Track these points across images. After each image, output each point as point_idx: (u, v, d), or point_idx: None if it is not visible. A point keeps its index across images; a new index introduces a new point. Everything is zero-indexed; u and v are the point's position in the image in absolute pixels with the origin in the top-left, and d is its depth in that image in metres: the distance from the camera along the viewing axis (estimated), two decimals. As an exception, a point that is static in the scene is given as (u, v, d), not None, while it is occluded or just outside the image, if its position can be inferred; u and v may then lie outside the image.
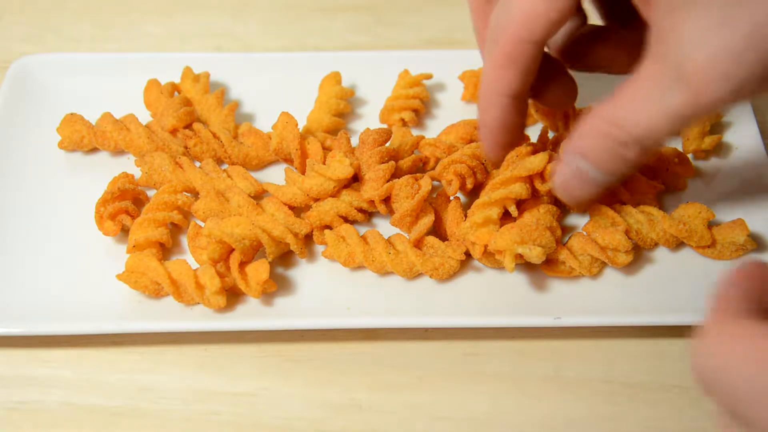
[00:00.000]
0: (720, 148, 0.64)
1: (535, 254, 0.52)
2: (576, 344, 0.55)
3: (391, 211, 0.59)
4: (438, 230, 0.59)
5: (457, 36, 0.77)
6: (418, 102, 0.66)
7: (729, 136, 0.65)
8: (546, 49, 0.54)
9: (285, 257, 0.59)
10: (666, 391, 0.53)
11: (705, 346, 0.30)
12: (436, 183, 0.62)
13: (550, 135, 0.63)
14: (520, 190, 0.55)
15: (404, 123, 0.66)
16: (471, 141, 0.63)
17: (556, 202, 0.58)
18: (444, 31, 0.78)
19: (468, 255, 0.57)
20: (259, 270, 0.54)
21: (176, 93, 0.67)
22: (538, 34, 0.48)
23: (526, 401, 0.53)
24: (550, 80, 0.56)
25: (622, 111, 0.45)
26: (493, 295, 0.56)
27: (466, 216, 0.58)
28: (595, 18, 0.57)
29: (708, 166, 0.63)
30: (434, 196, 0.60)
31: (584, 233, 0.57)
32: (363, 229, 0.59)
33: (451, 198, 0.59)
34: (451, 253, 0.56)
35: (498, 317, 0.54)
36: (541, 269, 0.57)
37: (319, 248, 0.59)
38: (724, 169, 0.63)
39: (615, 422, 0.52)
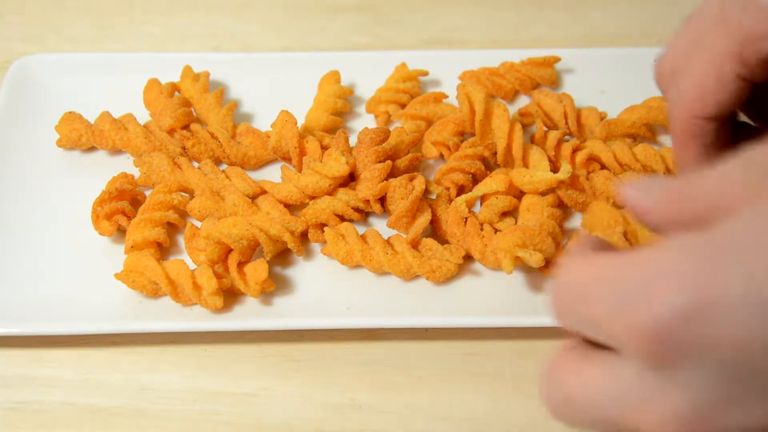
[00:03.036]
0: None
1: (534, 259, 0.53)
2: (576, 344, 0.55)
3: (388, 212, 0.59)
4: (437, 231, 0.59)
5: (457, 36, 0.77)
6: (406, 97, 0.67)
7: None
8: None
9: (283, 257, 0.59)
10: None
11: (568, 272, 0.32)
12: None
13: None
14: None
15: (389, 115, 0.66)
16: (463, 133, 0.63)
17: (560, 204, 0.59)
18: (444, 31, 0.78)
19: (467, 257, 0.57)
20: (257, 270, 0.54)
21: (176, 93, 0.67)
22: (710, 111, 0.46)
23: (526, 401, 0.53)
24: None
25: None
26: (492, 296, 0.56)
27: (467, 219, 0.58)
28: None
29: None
30: (433, 197, 0.60)
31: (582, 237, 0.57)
32: (363, 229, 0.59)
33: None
34: (449, 257, 0.56)
35: (498, 317, 0.54)
36: (540, 271, 0.57)
37: (317, 247, 0.59)
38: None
39: (615, 422, 0.52)
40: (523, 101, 0.69)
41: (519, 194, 0.60)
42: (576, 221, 0.60)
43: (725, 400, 0.28)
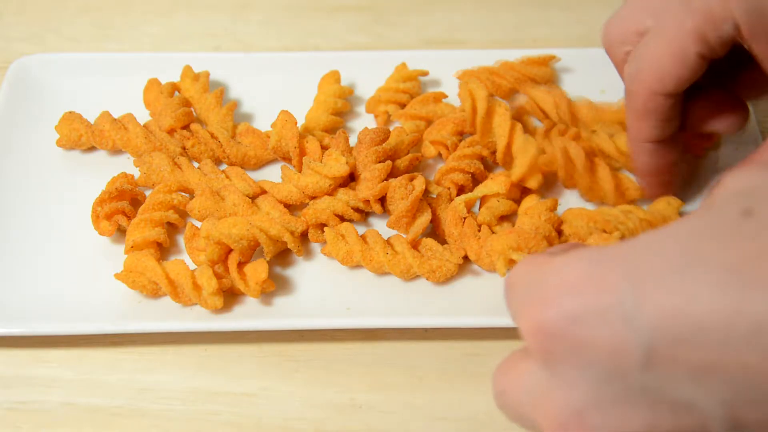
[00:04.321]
0: (718, 147, 0.64)
1: None
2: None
3: (388, 212, 0.59)
4: (437, 231, 0.59)
5: (457, 36, 0.77)
6: (406, 97, 0.67)
7: (728, 136, 0.65)
8: None
9: (283, 257, 0.59)
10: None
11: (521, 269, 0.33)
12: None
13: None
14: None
15: (388, 115, 0.66)
16: (462, 133, 0.63)
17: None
18: (444, 31, 0.78)
19: (467, 258, 0.57)
20: (257, 270, 0.54)
21: (176, 93, 0.67)
22: (670, 88, 0.48)
23: (526, 401, 0.53)
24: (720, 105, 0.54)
25: None
26: (492, 296, 0.56)
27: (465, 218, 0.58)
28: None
29: (707, 165, 0.63)
30: (434, 196, 0.60)
31: (577, 241, 0.57)
32: (362, 229, 0.59)
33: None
34: (449, 257, 0.56)
35: (498, 317, 0.54)
36: None
37: (317, 247, 0.59)
38: (722, 168, 0.63)
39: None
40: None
41: (519, 197, 0.60)
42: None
43: (599, 402, 0.29)
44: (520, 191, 0.60)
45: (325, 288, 0.57)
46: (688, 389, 0.27)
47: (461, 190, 0.60)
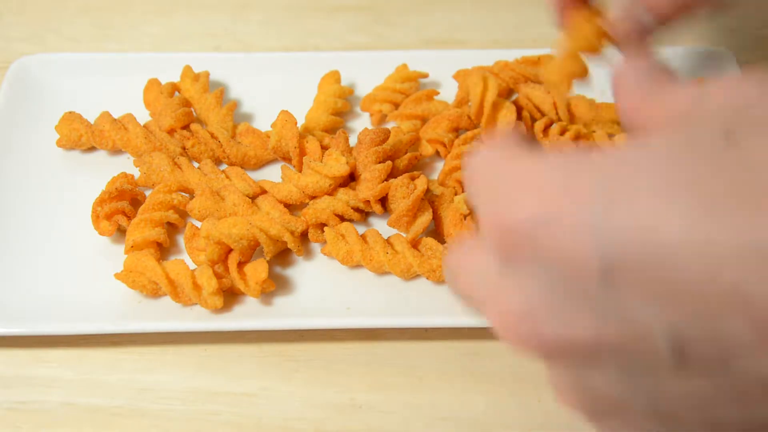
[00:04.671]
0: None
1: None
2: (576, 344, 0.55)
3: (389, 211, 0.59)
4: (438, 230, 0.59)
5: (457, 36, 0.77)
6: (401, 96, 0.67)
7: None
8: None
9: (283, 256, 0.59)
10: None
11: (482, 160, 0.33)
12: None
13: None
14: None
15: (383, 114, 0.66)
16: (458, 129, 0.64)
17: None
18: (444, 31, 0.78)
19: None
20: (257, 270, 0.54)
21: (176, 93, 0.67)
22: None
23: (526, 401, 0.53)
24: None
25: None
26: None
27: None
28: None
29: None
30: (437, 194, 0.60)
31: None
32: (362, 229, 0.59)
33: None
34: (449, 255, 0.56)
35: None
36: None
37: (317, 247, 0.59)
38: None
39: (615, 422, 0.52)
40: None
41: None
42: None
43: (551, 305, 0.29)
44: None
45: (325, 288, 0.57)
46: (639, 308, 0.28)
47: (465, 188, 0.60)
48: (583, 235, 0.28)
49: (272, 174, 0.64)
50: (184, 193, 0.61)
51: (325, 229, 0.58)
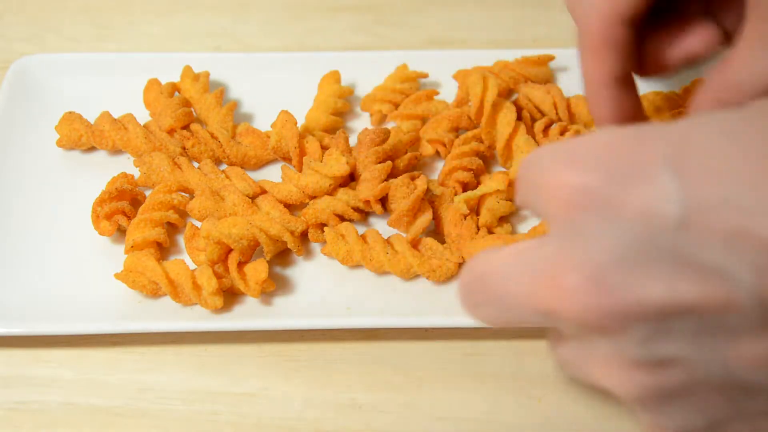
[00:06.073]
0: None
1: None
2: (576, 344, 0.55)
3: (389, 211, 0.59)
4: (439, 230, 0.59)
5: (457, 36, 0.77)
6: (401, 97, 0.67)
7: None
8: None
9: (283, 256, 0.59)
10: (666, 391, 0.53)
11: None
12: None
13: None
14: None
15: (383, 114, 0.66)
16: (458, 129, 0.64)
17: None
18: (444, 31, 0.78)
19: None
20: (257, 270, 0.54)
21: (176, 93, 0.67)
22: (625, 13, 0.46)
23: (526, 401, 0.53)
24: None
25: (734, 75, 0.42)
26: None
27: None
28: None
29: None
30: (437, 194, 0.60)
31: None
32: (362, 229, 0.59)
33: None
34: (449, 256, 0.56)
35: (498, 317, 0.54)
36: None
37: (317, 247, 0.59)
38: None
39: (616, 422, 0.52)
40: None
41: None
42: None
43: (623, 260, 0.28)
44: None
45: (325, 288, 0.57)
46: (720, 253, 0.27)
47: (465, 188, 0.60)
48: (655, 186, 0.27)
49: (272, 174, 0.64)
50: (184, 193, 0.61)
51: (325, 229, 0.58)
